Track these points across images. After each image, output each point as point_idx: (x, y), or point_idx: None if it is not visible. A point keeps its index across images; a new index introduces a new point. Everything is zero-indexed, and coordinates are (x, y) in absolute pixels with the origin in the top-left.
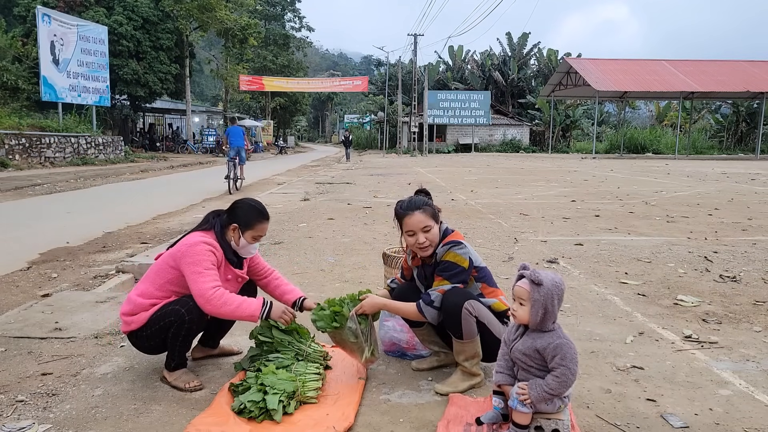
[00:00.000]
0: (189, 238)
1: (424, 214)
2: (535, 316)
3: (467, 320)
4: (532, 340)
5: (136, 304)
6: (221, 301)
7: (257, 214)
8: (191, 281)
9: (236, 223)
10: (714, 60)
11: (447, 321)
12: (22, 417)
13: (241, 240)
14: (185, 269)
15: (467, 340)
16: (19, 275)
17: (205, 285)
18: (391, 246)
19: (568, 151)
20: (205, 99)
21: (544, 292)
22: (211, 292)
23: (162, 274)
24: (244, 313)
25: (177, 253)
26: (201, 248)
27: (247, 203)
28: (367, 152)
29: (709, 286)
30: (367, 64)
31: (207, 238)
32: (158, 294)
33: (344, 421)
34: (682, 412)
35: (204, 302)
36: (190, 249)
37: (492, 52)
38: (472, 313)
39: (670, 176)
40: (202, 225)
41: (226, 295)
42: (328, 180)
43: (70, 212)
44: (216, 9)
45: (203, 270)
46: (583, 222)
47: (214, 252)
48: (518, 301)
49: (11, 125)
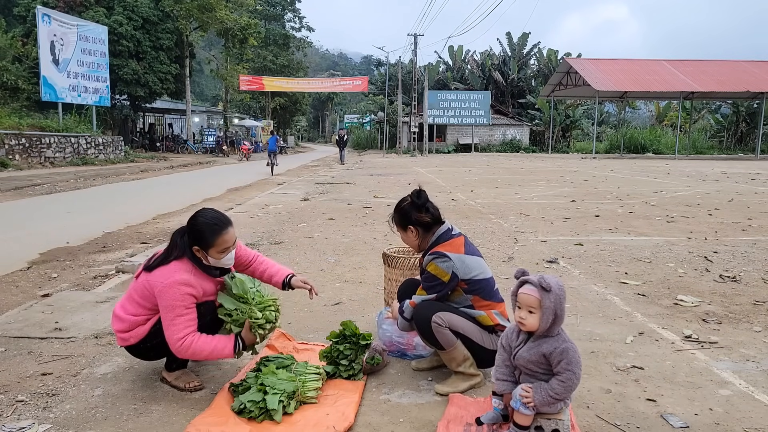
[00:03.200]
0: (166, 273)
1: (392, 219)
2: (546, 322)
3: (439, 331)
4: (537, 346)
5: (130, 321)
6: (190, 352)
7: (212, 231)
8: (165, 326)
9: (196, 245)
10: (714, 60)
11: (423, 335)
12: (22, 417)
13: (209, 258)
14: (161, 311)
15: (449, 349)
16: (19, 275)
17: (175, 335)
18: (391, 246)
19: (568, 151)
20: (205, 99)
21: (554, 298)
22: (180, 343)
23: (147, 297)
24: (218, 357)
25: (153, 288)
26: (175, 292)
27: (201, 221)
28: (367, 152)
29: (709, 286)
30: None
31: (183, 272)
32: (150, 313)
33: (344, 421)
34: (682, 412)
35: (175, 351)
36: (164, 291)
37: (492, 52)
38: (442, 324)
39: (670, 176)
40: (173, 251)
41: (194, 344)
42: (328, 180)
43: (70, 212)
44: (216, 9)
45: (175, 317)
46: (583, 222)
47: (192, 292)
48: (526, 309)
49: (11, 125)
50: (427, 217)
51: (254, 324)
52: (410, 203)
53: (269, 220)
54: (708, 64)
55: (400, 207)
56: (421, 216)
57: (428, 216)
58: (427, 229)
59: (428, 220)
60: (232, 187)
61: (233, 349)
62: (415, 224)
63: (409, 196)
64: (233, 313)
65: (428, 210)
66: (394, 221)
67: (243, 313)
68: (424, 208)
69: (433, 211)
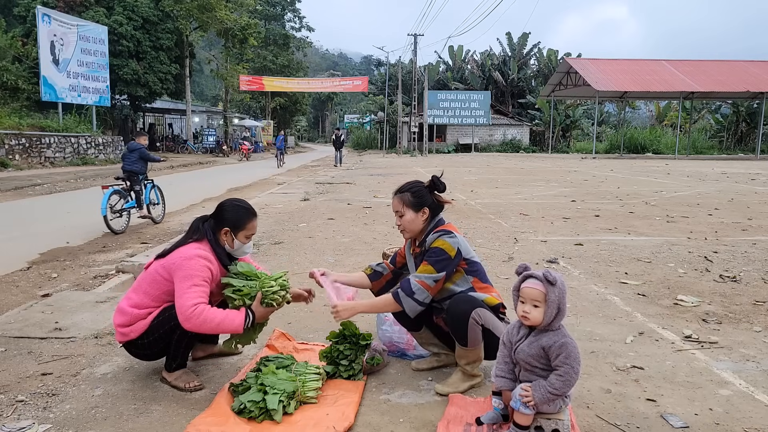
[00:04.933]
0: (185, 250)
1: (399, 199)
2: (550, 316)
3: (473, 329)
4: (537, 340)
5: (132, 315)
6: (200, 319)
7: (245, 213)
8: (177, 296)
9: (227, 227)
10: (714, 60)
11: (453, 327)
12: (22, 417)
13: (235, 242)
14: (176, 282)
15: (471, 348)
16: (19, 275)
17: (186, 302)
18: (391, 246)
19: (568, 151)
20: (205, 99)
21: (558, 292)
22: (191, 309)
23: (157, 285)
24: (226, 329)
25: (171, 265)
26: (196, 263)
27: (233, 204)
28: (367, 152)
29: (709, 286)
30: (367, 64)
31: (203, 250)
32: (154, 304)
33: (344, 421)
34: (682, 412)
35: (184, 319)
36: (185, 262)
37: (492, 52)
38: (479, 321)
39: (670, 176)
40: (193, 234)
41: (206, 312)
42: (328, 180)
43: (70, 212)
44: (216, 9)
45: (191, 285)
46: (583, 222)
47: (210, 267)
48: (531, 303)
49: (11, 125)
50: (442, 200)
51: (267, 293)
52: (428, 186)
53: (269, 220)
54: (708, 64)
55: (416, 188)
56: (440, 198)
57: (442, 200)
58: (436, 213)
59: (444, 202)
60: (232, 187)
61: (243, 322)
62: (431, 206)
63: (432, 178)
64: (244, 288)
65: (442, 194)
66: (405, 201)
67: (253, 287)
68: (441, 191)
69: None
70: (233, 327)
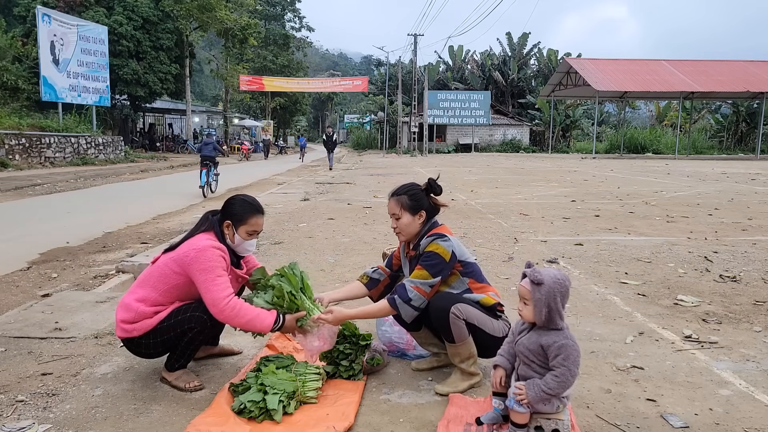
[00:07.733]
0: (196, 241)
1: (396, 202)
2: (539, 314)
3: (455, 324)
4: (537, 336)
5: (138, 312)
6: (234, 312)
7: (249, 208)
8: (204, 289)
9: (229, 220)
10: (714, 60)
11: (437, 325)
12: (22, 417)
13: (236, 237)
14: (196, 276)
15: (459, 343)
16: (19, 275)
17: (219, 294)
18: (391, 246)
19: (568, 151)
20: (205, 99)
21: (545, 291)
22: (225, 302)
23: (165, 279)
24: (255, 327)
25: (184, 258)
26: (212, 253)
27: (239, 198)
28: (367, 152)
29: (709, 286)
30: (367, 64)
31: (214, 241)
32: (161, 300)
33: (344, 421)
34: (682, 412)
35: (217, 312)
36: (200, 254)
37: (492, 52)
38: (460, 316)
39: (670, 176)
40: (202, 225)
41: (239, 305)
42: (328, 180)
43: (70, 212)
44: (216, 9)
45: (216, 277)
46: (583, 222)
47: (224, 256)
48: (522, 300)
49: (11, 125)
50: (439, 202)
51: (306, 317)
52: (425, 188)
53: (269, 220)
54: (708, 64)
55: (413, 191)
56: (436, 201)
57: (438, 203)
58: (432, 216)
59: (440, 205)
60: (232, 187)
61: (273, 323)
62: (427, 209)
63: (429, 181)
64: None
65: (438, 197)
66: (402, 204)
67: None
68: (437, 195)
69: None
70: (262, 327)
